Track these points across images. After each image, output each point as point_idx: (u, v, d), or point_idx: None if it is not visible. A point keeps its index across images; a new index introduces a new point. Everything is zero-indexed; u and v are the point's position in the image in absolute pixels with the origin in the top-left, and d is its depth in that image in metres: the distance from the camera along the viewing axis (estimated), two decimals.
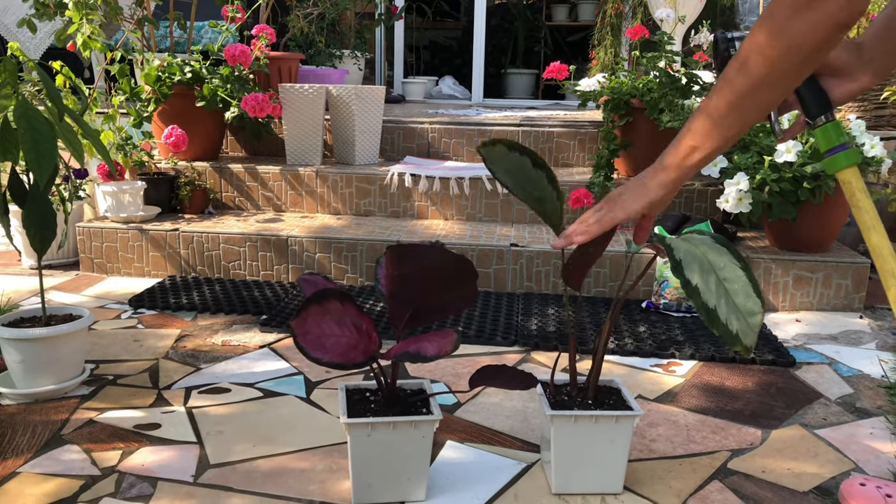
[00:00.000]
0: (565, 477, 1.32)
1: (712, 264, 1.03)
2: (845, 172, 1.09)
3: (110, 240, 2.65)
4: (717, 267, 1.02)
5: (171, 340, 2.05)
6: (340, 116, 3.04)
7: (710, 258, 1.03)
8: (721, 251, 1.04)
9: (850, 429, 1.62)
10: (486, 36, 5.23)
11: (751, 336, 0.98)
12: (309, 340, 1.18)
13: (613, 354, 2.01)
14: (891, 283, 1.03)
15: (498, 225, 2.81)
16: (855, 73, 1.08)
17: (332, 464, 1.43)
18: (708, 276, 1.01)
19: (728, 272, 1.01)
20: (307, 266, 2.57)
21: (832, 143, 1.09)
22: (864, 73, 1.08)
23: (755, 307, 0.98)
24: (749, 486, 1.39)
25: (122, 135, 2.81)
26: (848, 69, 1.08)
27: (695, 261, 1.02)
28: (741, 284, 1.00)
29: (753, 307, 0.98)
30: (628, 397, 1.35)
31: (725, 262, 1.02)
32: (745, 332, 0.98)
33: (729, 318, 0.98)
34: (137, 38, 3.10)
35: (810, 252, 2.45)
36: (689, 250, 1.04)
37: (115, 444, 1.48)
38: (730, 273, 1.01)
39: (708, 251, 1.04)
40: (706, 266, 1.02)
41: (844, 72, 1.08)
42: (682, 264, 1.02)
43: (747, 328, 0.98)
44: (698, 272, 1.01)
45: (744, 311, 0.99)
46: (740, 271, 1.02)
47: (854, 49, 1.07)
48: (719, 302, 0.99)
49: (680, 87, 2.67)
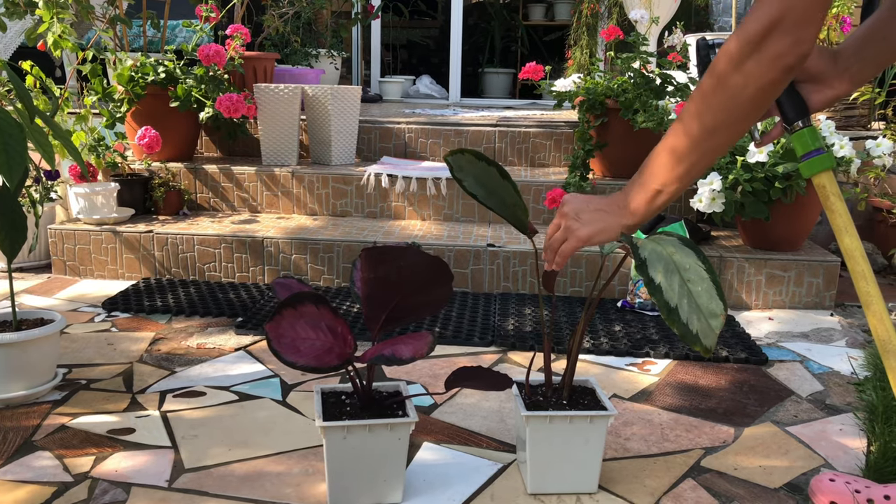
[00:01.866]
0: (541, 477, 1.33)
1: (677, 265, 1.04)
2: (820, 177, 1.11)
3: (83, 242, 2.62)
4: (682, 268, 1.03)
5: (146, 344, 2.03)
6: (316, 116, 3.03)
7: (676, 259, 1.05)
8: (687, 253, 1.05)
9: (821, 425, 1.65)
10: (464, 35, 5.24)
11: (711, 337, 0.99)
12: (283, 344, 1.18)
13: (589, 354, 2.03)
14: (860, 284, 1.05)
15: (475, 225, 2.81)
16: (832, 81, 1.10)
17: (308, 467, 1.43)
18: (672, 275, 1.02)
19: (693, 273, 1.03)
20: (283, 267, 2.56)
21: (808, 147, 1.11)
22: (841, 81, 1.10)
23: (717, 309, 1.00)
24: (722, 483, 1.41)
25: (95, 135, 2.77)
26: (825, 76, 1.10)
27: (660, 260, 1.04)
28: (705, 286, 1.01)
29: (716, 309, 1.00)
30: (602, 397, 1.36)
31: (691, 264, 1.04)
32: (705, 332, 0.99)
33: (690, 318, 1.00)
34: (110, 38, 3.06)
35: (783, 251, 2.49)
36: (655, 250, 1.05)
37: (87, 450, 1.46)
38: (694, 275, 1.03)
39: (674, 252, 1.06)
40: (671, 266, 1.03)
41: (821, 79, 1.10)
42: (647, 263, 1.03)
43: (708, 329, 0.99)
44: (662, 271, 1.03)
45: (706, 312, 1.00)
46: (705, 273, 1.04)
47: (831, 57, 1.09)
48: (681, 301, 1.00)
49: (654, 87, 2.69)
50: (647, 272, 1.02)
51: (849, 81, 1.10)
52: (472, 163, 1.18)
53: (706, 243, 2.58)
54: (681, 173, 1.04)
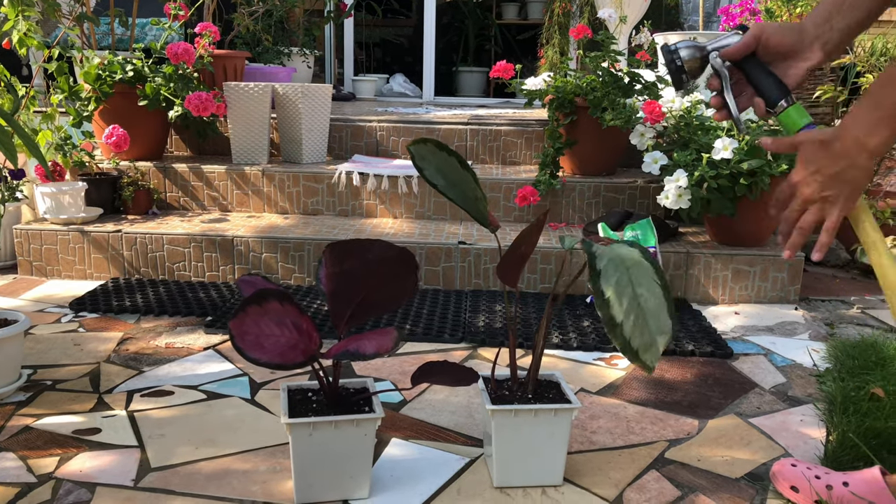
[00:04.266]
0: (506, 470, 1.35)
1: (632, 280, 1.04)
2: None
3: (50, 242, 2.59)
4: (637, 283, 1.04)
5: (114, 344, 2.01)
6: (287, 115, 3.02)
7: (633, 273, 1.05)
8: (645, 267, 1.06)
9: (782, 416, 1.68)
10: (437, 34, 5.25)
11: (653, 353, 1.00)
12: (247, 341, 1.18)
13: (558, 349, 2.05)
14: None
15: (447, 223, 2.82)
16: (804, 53, 1.09)
17: (275, 464, 1.43)
18: (623, 290, 1.02)
19: (646, 290, 1.03)
20: (254, 266, 2.55)
21: (797, 125, 1.09)
22: (813, 51, 1.08)
23: (666, 327, 1.00)
24: (685, 474, 1.43)
25: (62, 134, 2.74)
26: (795, 51, 1.09)
27: (615, 273, 1.04)
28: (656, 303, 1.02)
29: (664, 326, 1.01)
30: (567, 391, 1.38)
31: (647, 279, 1.04)
32: (646, 348, 1.00)
33: (633, 334, 1.00)
34: (76, 36, 3.03)
35: (749, 246, 2.52)
36: (613, 261, 1.06)
37: (52, 451, 1.45)
38: (647, 291, 1.03)
39: (632, 266, 1.06)
40: (624, 281, 1.04)
41: (792, 54, 1.09)
42: (601, 275, 1.04)
43: (652, 345, 1.00)
44: (614, 287, 1.03)
45: (654, 328, 1.01)
46: (659, 290, 1.04)
47: (796, 31, 1.09)
48: (627, 318, 1.01)
49: (622, 86, 2.72)
50: (599, 284, 1.03)
51: (821, 50, 1.08)
52: (434, 153, 1.19)
53: (674, 240, 2.61)
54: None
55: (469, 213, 1.21)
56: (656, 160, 2.49)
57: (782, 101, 1.09)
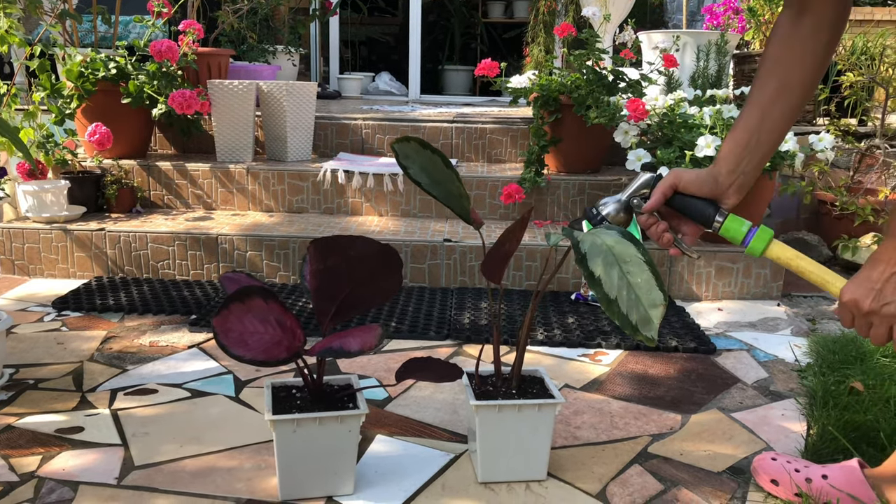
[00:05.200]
0: (491, 466, 1.35)
1: (617, 257, 1.06)
2: (771, 251, 1.15)
3: (32, 240, 2.57)
4: (622, 260, 1.06)
5: (97, 342, 2.00)
6: (272, 113, 3.02)
7: (616, 251, 1.07)
8: (627, 245, 1.08)
9: (764, 411, 1.70)
10: (423, 32, 5.25)
11: (651, 327, 1.02)
12: (231, 338, 1.18)
13: (543, 345, 2.06)
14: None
15: (432, 221, 2.83)
16: (721, 198, 1.17)
17: (260, 461, 1.43)
18: (611, 268, 1.04)
19: (633, 266, 1.05)
20: (238, 265, 2.54)
21: (741, 233, 1.15)
22: (729, 196, 1.16)
23: (658, 299, 1.02)
24: (667, 468, 1.44)
25: (44, 132, 2.72)
26: (715, 197, 1.16)
27: (599, 254, 1.06)
28: (645, 277, 1.04)
29: (656, 299, 1.02)
30: (551, 386, 1.39)
31: (631, 256, 1.06)
32: (644, 322, 1.02)
33: (629, 310, 1.02)
34: (59, 33, 3.01)
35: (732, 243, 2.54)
36: (595, 243, 1.08)
37: (34, 450, 1.44)
38: (635, 266, 1.05)
39: (614, 245, 1.08)
40: (610, 258, 1.06)
41: (713, 199, 1.17)
42: (587, 257, 1.06)
43: (648, 319, 1.02)
44: (602, 264, 1.05)
45: (646, 302, 1.03)
46: (645, 265, 1.06)
47: (711, 181, 1.16)
48: (620, 294, 1.03)
49: (606, 84, 2.73)
50: (588, 266, 1.04)
51: (736, 193, 1.17)
52: (418, 151, 1.19)
53: None
54: None
55: (453, 211, 1.21)
56: (640, 158, 2.51)
57: (717, 217, 1.15)
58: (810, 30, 1.15)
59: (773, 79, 1.16)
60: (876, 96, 3.32)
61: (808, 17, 1.15)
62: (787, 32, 1.17)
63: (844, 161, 3.18)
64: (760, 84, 1.17)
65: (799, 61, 1.15)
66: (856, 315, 1.07)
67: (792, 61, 1.15)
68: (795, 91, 1.16)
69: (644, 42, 3.37)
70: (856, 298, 1.05)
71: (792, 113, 1.17)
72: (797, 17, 1.16)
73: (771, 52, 1.18)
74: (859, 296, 1.05)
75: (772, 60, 1.17)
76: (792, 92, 1.16)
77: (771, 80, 1.16)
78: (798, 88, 1.16)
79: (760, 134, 1.16)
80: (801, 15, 1.15)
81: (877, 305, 1.04)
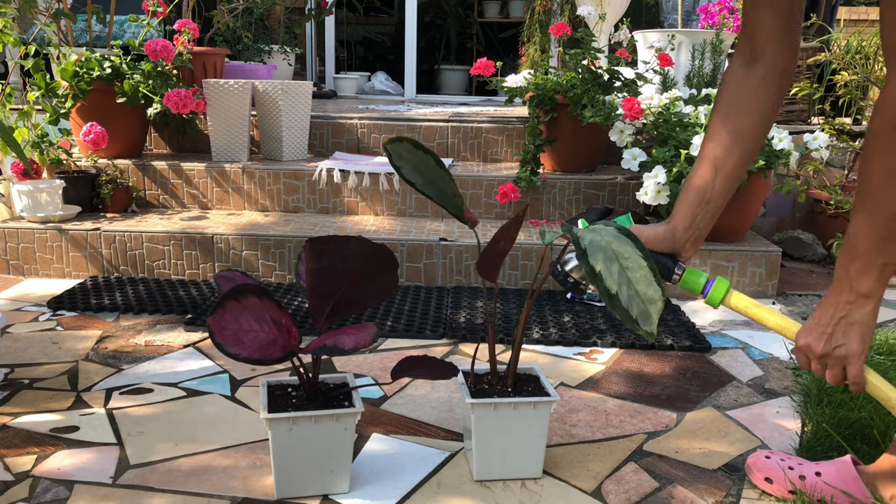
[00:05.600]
0: (486, 464, 1.35)
1: (616, 253, 1.07)
2: (728, 301, 1.21)
3: (27, 240, 2.57)
4: (621, 256, 1.07)
5: (92, 342, 2.00)
6: (267, 112, 3.01)
7: (615, 248, 1.08)
8: (625, 241, 1.08)
9: (759, 409, 1.71)
10: (419, 32, 5.25)
11: (650, 321, 1.02)
12: (226, 336, 1.18)
13: (538, 344, 2.06)
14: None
15: (428, 220, 2.83)
16: (678, 253, 1.25)
17: (256, 460, 1.43)
18: (611, 263, 1.05)
19: (631, 262, 1.06)
20: (234, 264, 2.54)
21: (699, 285, 1.21)
22: (686, 249, 1.24)
23: (655, 295, 1.03)
24: (663, 466, 1.45)
25: (38, 132, 2.72)
26: (673, 251, 1.24)
27: (599, 250, 1.07)
28: (643, 273, 1.05)
29: (654, 295, 1.03)
30: (546, 384, 1.39)
31: (629, 252, 1.07)
32: (644, 317, 1.02)
33: (630, 304, 1.03)
34: (53, 32, 3.00)
35: (727, 242, 2.55)
36: (594, 240, 1.08)
37: (29, 449, 1.44)
38: (633, 262, 1.06)
39: (612, 241, 1.09)
40: (610, 254, 1.06)
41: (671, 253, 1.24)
42: (587, 252, 1.06)
43: (647, 314, 1.02)
44: (602, 260, 1.05)
45: (644, 298, 1.03)
46: (643, 261, 1.07)
47: (669, 238, 1.23)
48: (621, 289, 1.03)
49: (602, 83, 2.74)
50: (588, 261, 1.05)
51: (692, 247, 1.25)
52: (411, 151, 1.19)
53: None
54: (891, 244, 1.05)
55: (446, 209, 1.22)
56: (635, 157, 2.51)
57: (677, 271, 1.22)
58: (760, 79, 1.21)
59: (725, 133, 1.21)
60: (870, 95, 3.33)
61: (759, 66, 1.21)
62: (738, 83, 1.22)
63: (839, 160, 3.19)
64: (713, 138, 1.23)
65: (750, 113, 1.21)
66: (811, 358, 1.13)
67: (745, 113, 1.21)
68: (747, 145, 1.22)
69: (639, 41, 3.37)
70: (809, 343, 1.12)
71: (742, 167, 1.23)
72: (748, 66, 1.22)
73: (722, 103, 1.23)
74: (812, 340, 1.11)
75: (723, 112, 1.23)
76: (744, 146, 1.21)
77: (723, 134, 1.21)
78: (749, 143, 1.22)
79: (714, 189, 1.22)
80: (752, 64, 1.21)
81: (829, 348, 1.10)
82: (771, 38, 1.18)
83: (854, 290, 1.08)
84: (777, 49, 1.19)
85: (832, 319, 1.10)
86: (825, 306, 1.11)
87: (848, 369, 1.11)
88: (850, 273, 1.08)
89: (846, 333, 1.10)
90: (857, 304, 1.09)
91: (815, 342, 1.11)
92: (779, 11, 1.17)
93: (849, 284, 1.09)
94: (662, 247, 1.23)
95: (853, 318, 1.09)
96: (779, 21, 1.18)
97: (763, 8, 1.18)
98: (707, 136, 1.24)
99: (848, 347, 1.10)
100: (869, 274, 1.07)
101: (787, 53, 1.20)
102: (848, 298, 1.09)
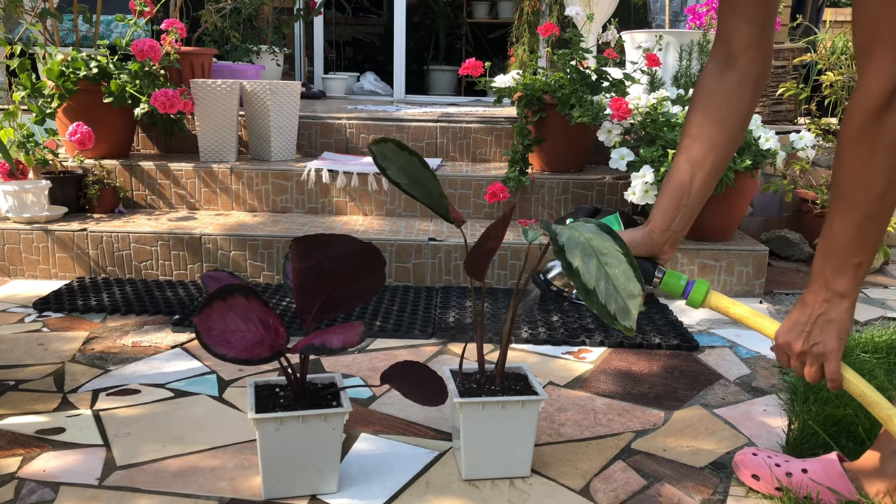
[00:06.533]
0: (474, 463, 1.35)
1: (595, 249, 1.07)
2: (709, 301, 1.23)
3: (12, 241, 2.55)
4: (600, 252, 1.07)
5: (79, 343, 1.99)
6: (255, 112, 3.00)
7: (594, 244, 1.08)
8: (605, 238, 1.09)
9: (746, 407, 1.71)
10: (408, 32, 5.25)
11: (629, 317, 1.03)
12: (213, 336, 1.18)
13: (527, 343, 2.06)
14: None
15: (417, 220, 2.83)
16: (658, 255, 1.28)
17: (243, 461, 1.42)
18: (589, 259, 1.06)
19: (611, 257, 1.06)
20: (222, 265, 2.53)
21: (679, 287, 1.23)
22: (665, 251, 1.28)
23: (635, 290, 1.03)
24: (650, 464, 1.45)
25: (24, 132, 2.70)
26: (651, 255, 1.27)
27: (577, 246, 1.07)
28: (623, 269, 1.05)
29: (633, 290, 1.04)
30: (534, 383, 1.39)
31: (609, 248, 1.07)
32: (623, 312, 1.03)
33: (608, 300, 1.03)
34: (39, 32, 2.98)
35: (714, 241, 2.57)
36: (573, 236, 1.08)
37: (14, 451, 1.43)
38: (612, 258, 1.06)
39: (592, 237, 1.09)
40: (588, 250, 1.07)
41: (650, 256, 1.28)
42: (565, 249, 1.07)
43: (626, 309, 1.03)
44: (580, 256, 1.06)
45: (623, 293, 1.04)
46: (623, 256, 1.07)
47: (647, 242, 1.26)
48: (598, 284, 1.04)
49: (590, 83, 2.74)
50: (566, 257, 1.05)
51: (670, 248, 1.28)
52: (396, 152, 1.19)
53: None
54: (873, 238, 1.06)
55: (432, 209, 1.22)
56: (623, 157, 2.52)
57: (657, 274, 1.25)
58: (734, 85, 1.24)
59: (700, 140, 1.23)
60: None
61: (734, 72, 1.24)
62: (713, 89, 1.25)
63: (825, 159, 3.21)
64: (689, 143, 1.25)
65: (723, 122, 1.24)
66: (790, 356, 1.15)
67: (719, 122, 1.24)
68: (722, 148, 1.24)
69: (627, 42, 3.39)
70: (788, 341, 1.14)
71: (718, 171, 1.26)
72: (722, 71, 1.24)
73: (697, 108, 1.25)
74: (791, 339, 1.14)
75: (698, 119, 1.25)
76: (719, 148, 1.24)
77: (700, 140, 1.24)
78: (724, 146, 1.24)
79: (691, 193, 1.24)
80: (727, 70, 1.24)
81: (807, 346, 1.12)
82: (746, 45, 1.21)
83: (830, 290, 1.10)
84: (752, 56, 1.21)
85: (810, 318, 1.12)
86: (803, 305, 1.13)
87: (825, 366, 1.13)
88: (825, 273, 1.10)
89: (823, 331, 1.11)
90: (834, 302, 1.10)
91: (793, 340, 1.13)
92: (754, 20, 1.20)
93: (825, 284, 1.10)
94: (641, 251, 1.25)
95: (830, 316, 1.11)
96: (754, 29, 1.20)
97: (739, 16, 1.20)
98: (683, 143, 1.26)
99: (825, 345, 1.11)
100: (844, 273, 1.09)
101: (762, 60, 1.22)
102: (825, 297, 1.11)
